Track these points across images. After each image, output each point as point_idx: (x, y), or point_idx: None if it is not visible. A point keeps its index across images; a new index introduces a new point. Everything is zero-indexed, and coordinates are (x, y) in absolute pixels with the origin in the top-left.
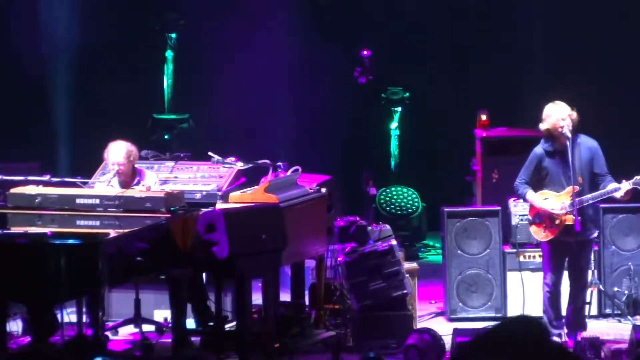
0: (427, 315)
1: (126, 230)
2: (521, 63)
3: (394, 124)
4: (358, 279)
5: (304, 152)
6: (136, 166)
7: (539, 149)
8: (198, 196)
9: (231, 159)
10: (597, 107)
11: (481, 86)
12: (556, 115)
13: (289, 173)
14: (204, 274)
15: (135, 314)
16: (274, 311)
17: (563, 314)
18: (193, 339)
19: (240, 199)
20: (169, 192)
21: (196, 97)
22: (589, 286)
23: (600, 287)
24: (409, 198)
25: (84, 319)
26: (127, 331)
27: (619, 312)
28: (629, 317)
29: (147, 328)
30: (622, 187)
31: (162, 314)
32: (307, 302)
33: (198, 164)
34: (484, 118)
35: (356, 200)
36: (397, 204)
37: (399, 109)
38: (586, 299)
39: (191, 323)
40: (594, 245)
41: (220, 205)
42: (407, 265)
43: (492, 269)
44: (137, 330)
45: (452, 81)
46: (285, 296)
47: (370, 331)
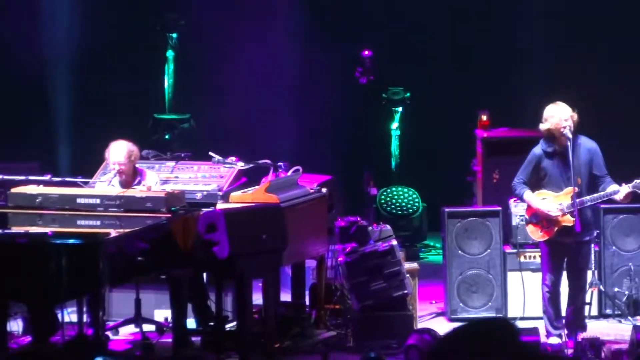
0: (427, 316)
1: (127, 230)
2: (522, 63)
3: (394, 124)
4: (359, 279)
5: (304, 152)
6: (137, 166)
7: (537, 150)
8: (199, 196)
9: (232, 159)
10: (597, 107)
11: (482, 86)
12: (559, 116)
13: (289, 173)
14: (204, 274)
15: (136, 313)
16: (274, 311)
17: (563, 314)
18: (193, 338)
19: (241, 199)
20: (170, 192)
21: (197, 97)
22: (589, 287)
23: (601, 287)
24: (410, 198)
25: (85, 318)
26: (127, 331)
27: (619, 312)
28: (629, 318)
29: (148, 328)
30: (621, 190)
31: (162, 314)
32: (307, 302)
33: (199, 163)
34: (484, 118)
35: (357, 201)
36: (397, 204)
37: (400, 109)
38: (586, 299)
39: (192, 323)
40: (594, 245)
41: (220, 205)
42: (408, 266)
43: (493, 269)
44: (137, 330)
45: (453, 81)
46: (285, 296)
47: (370, 331)
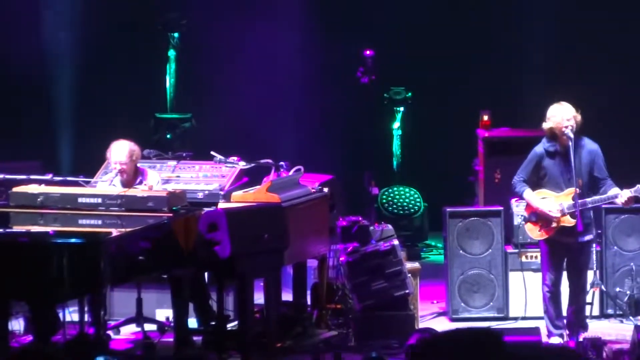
0: (429, 315)
1: (128, 230)
2: (522, 63)
3: (396, 124)
4: (360, 279)
5: (306, 151)
6: (138, 165)
7: (539, 148)
8: (200, 195)
9: (233, 158)
10: (597, 107)
11: (483, 86)
12: (561, 115)
13: (291, 173)
14: (205, 274)
15: (137, 313)
16: (275, 311)
17: (564, 314)
18: (195, 338)
19: (243, 198)
20: (171, 191)
21: (198, 96)
22: (591, 286)
23: (602, 287)
24: (411, 198)
25: (86, 318)
26: (129, 330)
27: (620, 312)
28: (630, 318)
29: (149, 327)
30: (622, 194)
31: (164, 313)
32: (309, 302)
33: (200, 163)
34: (486, 118)
35: (358, 200)
36: (399, 203)
37: (402, 109)
38: (587, 299)
39: (193, 322)
40: (596, 245)
41: (222, 205)
42: (409, 265)
43: (494, 269)
44: (139, 329)
45: (455, 81)
46: (287, 296)
47: (372, 331)
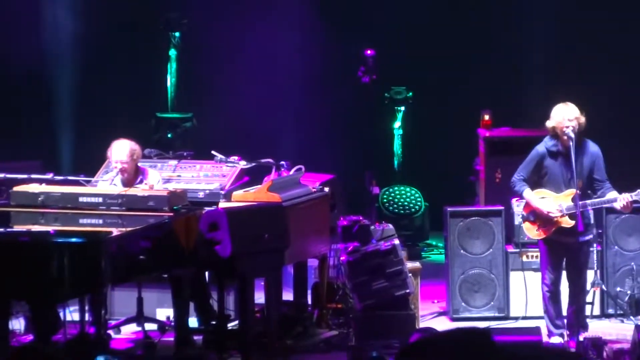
0: (429, 315)
1: (129, 229)
2: (523, 63)
3: (397, 124)
4: (361, 279)
5: (307, 151)
6: (139, 165)
7: (541, 147)
8: (201, 195)
9: (234, 157)
10: (597, 107)
11: (484, 86)
12: (563, 115)
13: (292, 172)
14: (206, 273)
15: (138, 312)
16: (276, 310)
17: (564, 313)
18: (195, 337)
19: (243, 197)
20: (172, 190)
21: (199, 96)
22: (592, 286)
23: (603, 287)
24: (412, 197)
25: (87, 317)
26: (129, 330)
27: (621, 312)
28: (631, 317)
29: (150, 327)
30: (621, 198)
31: (164, 313)
32: (309, 302)
33: (201, 162)
34: (487, 118)
35: (359, 200)
36: (400, 203)
37: (402, 108)
38: (587, 299)
39: (193, 322)
40: (597, 245)
41: (223, 204)
42: (410, 265)
43: (495, 268)
44: (139, 328)
45: (455, 81)
46: (287, 295)
47: (372, 330)
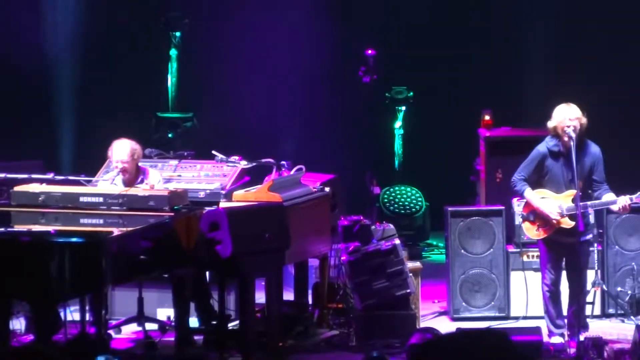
0: (430, 315)
1: (130, 229)
2: (523, 63)
3: (397, 123)
4: (361, 278)
5: (307, 151)
6: (140, 164)
7: (542, 147)
8: (202, 195)
9: (235, 157)
10: (597, 107)
11: (484, 86)
12: (564, 115)
13: (292, 172)
14: (207, 273)
15: (139, 312)
16: (277, 310)
17: (564, 313)
18: (196, 337)
19: (244, 197)
20: (173, 190)
21: (200, 95)
22: (592, 286)
23: (604, 287)
24: (413, 197)
25: (87, 317)
26: (130, 330)
27: (622, 312)
28: (632, 317)
29: (150, 326)
30: (619, 201)
31: (165, 313)
32: (310, 301)
33: (202, 162)
34: (487, 118)
35: (360, 200)
36: (400, 203)
37: (403, 108)
38: (587, 299)
39: (194, 322)
40: (597, 245)
41: (223, 204)
42: (411, 265)
43: (496, 268)
44: (140, 328)
45: (456, 81)
46: (288, 295)
47: (373, 330)
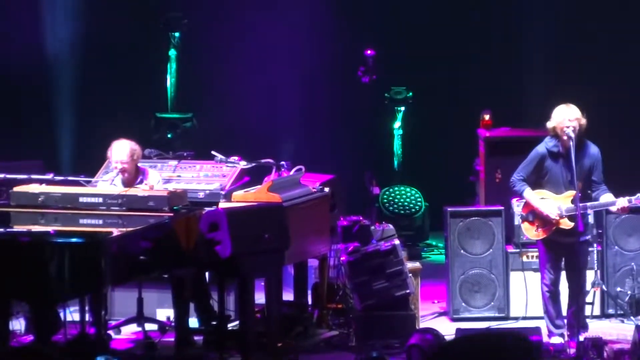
0: (429, 315)
1: (129, 229)
2: (523, 63)
3: (397, 124)
4: (361, 279)
5: (307, 151)
6: (139, 165)
7: (541, 148)
8: (201, 195)
9: (234, 158)
10: (597, 107)
11: (484, 86)
12: (564, 116)
13: (292, 172)
14: (206, 273)
15: (138, 312)
16: (276, 310)
17: (564, 313)
18: (196, 338)
19: (244, 198)
20: (172, 191)
21: (199, 96)
22: (592, 286)
23: (603, 287)
24: (412, 198)
25: (87, 317)
26: (129, 330)
27: (621, 312)
28: (631, 318)
29: (150, 327)
30: (618, 202)
31: (164, 313)
32: (310, 302)
33: (201, 163)
34: (487, 118)
35: (359, 200)
36: (400, 203)
37: (402, 108)
38: (586, 299)
39: (194, 322)
40: (597, 245)
41: (223, 205)
42: (410, 265)
43: (495, 268)
44: (139, 329)
45: (455, 81)
46: (288, 295)
47: (373, 331)
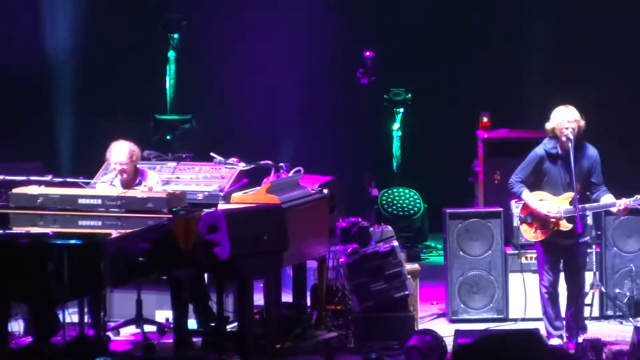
0: (428, 317)
1: (128, 231)
2: (522, 64)
3: (396, 125)
4: (360, 280)
5: (306, 152)
6: (138, 166)
7: (540, 150)
8: (200, 197)
9: (233, 159)
10: (597, 107)
11: (483, 88)
12: (563, 117)
13: (291, 174)
14: (205, 275)
15: (137, 314)
16: (275, 312)
17: (562, 315)
18: (194, 339)
19: (242, 199)
20: (171, 192)
21: (198, 97)
22: (591, 288)
23: (602, 288)
24: (411, 199)
25: (86, 319)
26: (128, 332)
27: (620, 313)
28: (630, 319)
29: (149, 328)
30: (618, 203)
31: (163, 315)
32: (308, 303)
33: (200, 164)
34: (485, 119)
35: (358, 201)
36: (399, 205)
37: (401, 110)
38: (585, 301)
39: (193, 324)
40: (596, 247)
41: (222, 206)
42: (409, 267)
43: (494, 270)
44: (138, 330)
45: (454, 82)
46: (287, 297)
47: (371, 332)
